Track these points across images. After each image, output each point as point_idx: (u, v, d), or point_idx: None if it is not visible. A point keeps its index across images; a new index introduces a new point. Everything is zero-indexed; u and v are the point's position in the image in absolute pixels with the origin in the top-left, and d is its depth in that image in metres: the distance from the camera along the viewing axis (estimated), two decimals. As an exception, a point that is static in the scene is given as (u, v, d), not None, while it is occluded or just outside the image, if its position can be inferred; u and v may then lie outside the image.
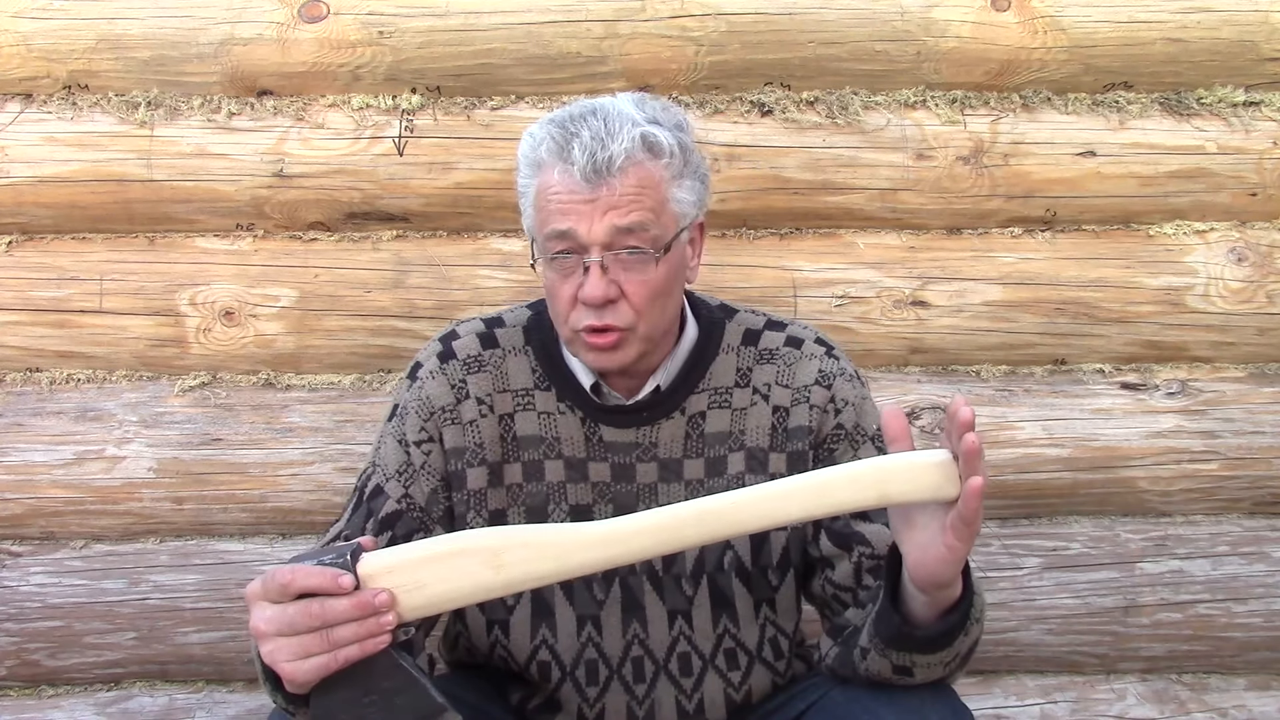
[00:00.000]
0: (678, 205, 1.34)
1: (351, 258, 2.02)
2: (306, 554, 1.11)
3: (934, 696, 1.27)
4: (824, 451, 1.43)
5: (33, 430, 2.01)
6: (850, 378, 1.46)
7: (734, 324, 1.48)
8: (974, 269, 2.04)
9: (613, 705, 1.41)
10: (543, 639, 1.41)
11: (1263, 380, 2.08)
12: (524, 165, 1.35)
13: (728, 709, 1.43)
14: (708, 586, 1.42)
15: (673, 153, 1.32)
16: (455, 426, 1.41)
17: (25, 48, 1.95)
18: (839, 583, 1.40)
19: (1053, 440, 2.04)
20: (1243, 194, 2.04)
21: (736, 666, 1.43)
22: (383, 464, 1.41)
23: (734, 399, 1.44)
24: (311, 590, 1.05)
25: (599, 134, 1.28)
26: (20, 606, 2.02)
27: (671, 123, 1.35)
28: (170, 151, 1.97)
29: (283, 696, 1.15)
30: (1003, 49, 1.98)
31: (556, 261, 1.32)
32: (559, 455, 1.42)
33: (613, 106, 1.32)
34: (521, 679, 1.45)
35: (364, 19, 1.94)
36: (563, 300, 1.32)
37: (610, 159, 1.27)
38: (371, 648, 1.06)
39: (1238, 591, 2.08)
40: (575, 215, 1.28)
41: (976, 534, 1.10)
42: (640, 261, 1.30)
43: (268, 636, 1.06)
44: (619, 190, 1.28)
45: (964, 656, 1.27)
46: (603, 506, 1.41)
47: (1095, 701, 2.09)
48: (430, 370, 1.43)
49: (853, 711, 1.30)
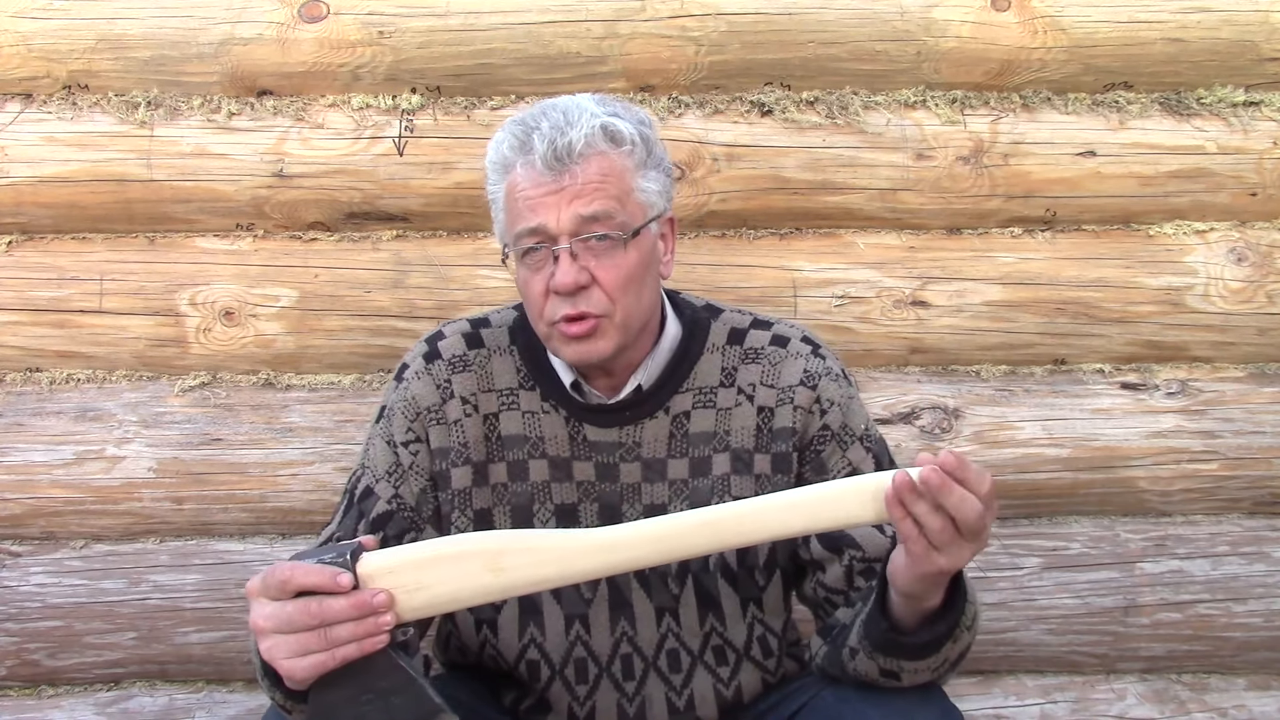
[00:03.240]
0: (643, 195, 1.33)
1: (351, 258, 2.02)
2: (307, 552, 1.11)
3: (923, 699, 1.28)
4: (811, 453, 1.42)
5: (33, 430, 2.01)
6: (836, 377, 1.44)
7: (719, 323, 1.47)
8: (974, 269, 2.04)
9: (603, 703, 1.41)
10: (531, 638, 1.41)
11: (1263, 380, 2.08)
12: (491, 171, 1.36)
13: (719, 706, 1.43)
14: (693, 586, 1.42)
15: (634, 142, 1.32)
16: (440, 426, 1.41)
17: (25, 48, 1.95)
18: (830, 585, 1.40)
19: (1053, 440, 2.04)
20: (1243, 194, 2.04)
21: (725, 663, 1.43)
22: (372, 465, 1.41)
23: (719, 399, 1.43)
24: (310, 588, 1.06)
25: (558, 124, 1.29)
26: (20, 606, 2.02)
27: (633, 117, 1.35)
28: (170, 151, 1.97)
29: (281, 693, 1.15)
30: (1003, 49, 1.98)
31: (528, 257, 1.32)
32: (543, 455, 1.42)
33: (571, 101, 1.33)
34: (513, 679, 1.45)
35: (364, 19, 1.94)
36: (536, 294, 1.32)
37: (570, 145, 1.27)
38: (369, 647, 1.07)
39: (1238, 591, 2.08)
40: (542, 208, 1.29)
41: (932, 550, 1.10)
42: (609, 248, 1.30)
43: (266, 633, 1.07)
44: (581, 179, 1.28)
45: (953, 662, 1.27)
46: (587, 506, 1.41)
47: (1095, 701, 2.09)
48: (416, 371, 1.43)
49: (843, 713, 1.30)
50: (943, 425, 2.03)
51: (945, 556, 1.11)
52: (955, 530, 1.09)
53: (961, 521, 1.09)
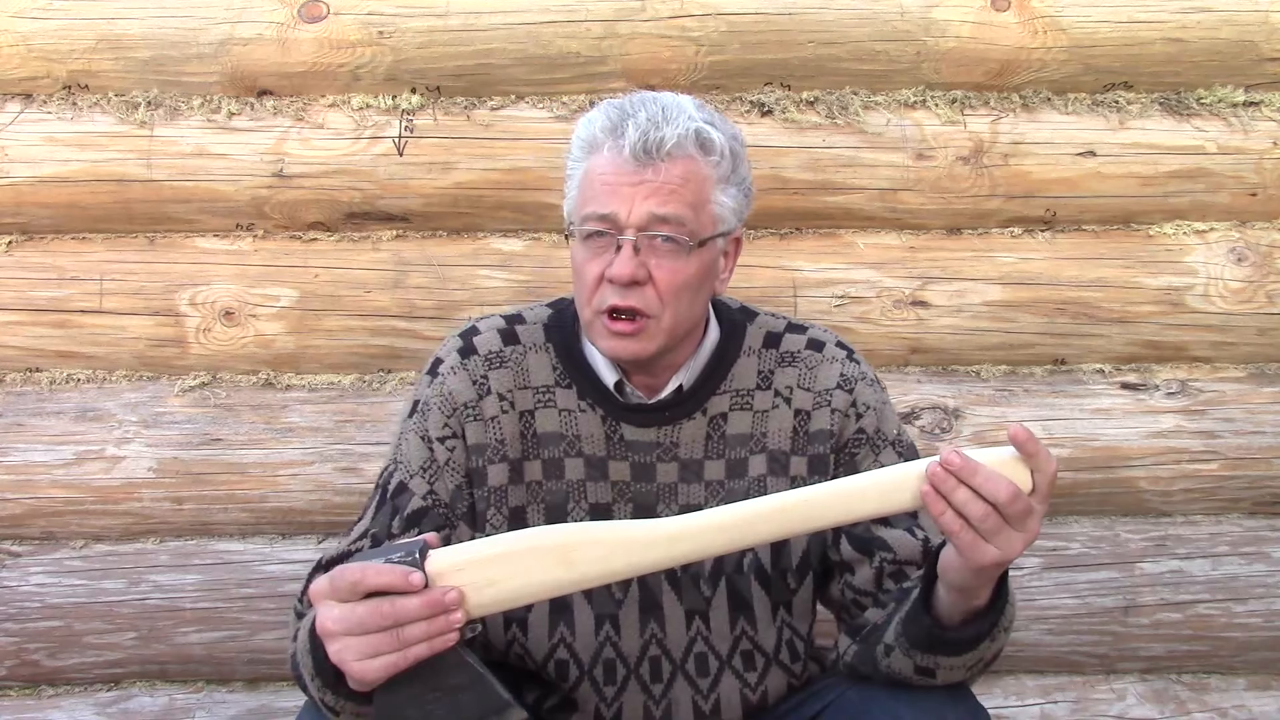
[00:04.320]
0: (718, 208, 1.34)
1: (351, 258, 2.02)
2: (372, 552, 1.10)
3: (952, 698, 1.28)
4: (845, 456, 1.43)
5: (33, 430, 2.01)
6: (871, 382, 1.46)
7: (755, 326, 1.48)
8: (974, 269, 2.04)
9: (630, 705, 1.41)
10: (561, 637, 1.41)
11: (1263, 380, 2.08)
12: (576, 147, 1.36)
13: (744, 710, 1.43)
14: (725, 588, 1.41)
15: (723, 154, 1.32)
16: (477, 423, 1.40)
17: (25, 48, 1.95)
18: (859, 587, 1.39)
19: (1053, 440, 2.04)
20: (1243, 194, 2.04)
21: (753, 668, 1.43)
22: (405, 460, 1.40)
23: (755, 401, 1.43)
24: (382, 589, 1.04)
25: (655, 118, 1.29)
26: (20, 606, 2.02)
27: (728, 130, 1.35)
28: (170, 151, 1.97)
29: (336, 695, 1.14)
30: (1003, 49, 1.98)
31: (591, 240, 1.31)
32: (579, 453, 1.41)
33: (672, 99, 1.33)
34: (537, 678, 1.44)
35: (364, 19, 1.94)
36: (589, 277, 1.32)
37: (662, 141, 1.27)
38: (440, 645, 1.05)
39: (1238, 591, 2.08)
40: (618, 197, 1.29)
41: (980, 540, 1.09)
42: (673, 250, 1.30)
43: (336, 635, 1.05)
44: (664, 177, 1.28)
45: (987, 662, 1.27)
46: (622, 505, 1.41)
47: (1095, 701, 2.09)
48: (452, 366, 1.42)
49: (870, 710, 1.30)
50: (943, 425, 2.03)
51: (996, 546, 1.09)
52: (1000, 517, 1.08)
53: (1001, 505, 1.07)
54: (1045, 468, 1.10)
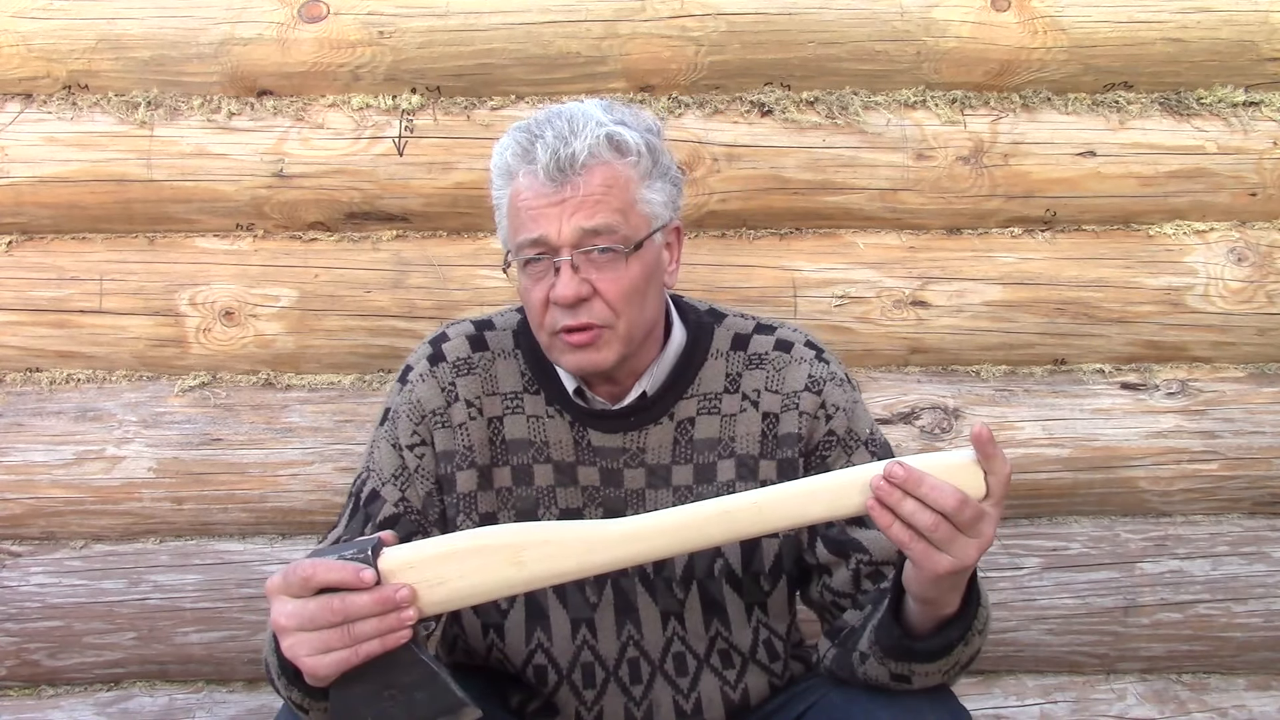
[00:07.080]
0: (647, 206, 1.32)
1: (351, 258, 2.02)
2: (325, 549, 1.11)
3: (932, 700, 1.27)
4: (816, 459, 1.42)
5: (33, 430, 2.01)
6: (841, 382, 1.44)
7: (723, 328, 1.46)
8: (974, 269, 2.04)
9: (610, 707, 1.41)
10: (538, 642, 1.41)
11: (1263, 380, 2.08)
12: (495, 177, 1.35)
13: (726, 709, 1.43)
14: (698, 591, 1.41)
15: (640, 152, 1.31)
16: (445, 429, 1.40)
17: (25, 48, 1.95)
18: (837, 589, 1.39)
19: (1053, 440, 2.04)
20: (1243, 194, 2.04)
21: (731, 666, 1.43)
22: (377, 468, 1.41)
23: (723, 405, 1.42)
24: (333, 585, 1.05)
25: (562, 133, 1.28)
26: (20, 606, 2.02)
27: (640, 125, 1.34)
28: (170, 151, 1.97)
29: (299, 691, 1.15)
30: (1003, 49, 1.98)
31: (530, 267, 1.31)
32: (548, 459, 1.41)
33: (578, 109, 1.32)
34: (520, 682, 1.45)
35: (364, 19, 1.94)
36: (537, 304, 1.31)
37: (573, 155, 1.26)
38: (392, 643, 1.06)
39: (1238, 591, 2.08)
40: (544, 219, 1.28)
41: (934, 550, 1.08)
42: (611, 259, 1.29)
43: (288, 631, 1.06)
44: (584, 190, 1.27)
45: (963, 665, 1.26)
46: (592, 511, 1.40)
47: (1095, 701, 2.09)
48: (420, 373, 1.42)
49: (851, 713, 1.29)
50: (943, 425, 2.03)
51: (950, 554, 1.09)
52: (952, 525, 1.08)
53: (949, 513, 1.07)
54: (999, 470, 1.10)
